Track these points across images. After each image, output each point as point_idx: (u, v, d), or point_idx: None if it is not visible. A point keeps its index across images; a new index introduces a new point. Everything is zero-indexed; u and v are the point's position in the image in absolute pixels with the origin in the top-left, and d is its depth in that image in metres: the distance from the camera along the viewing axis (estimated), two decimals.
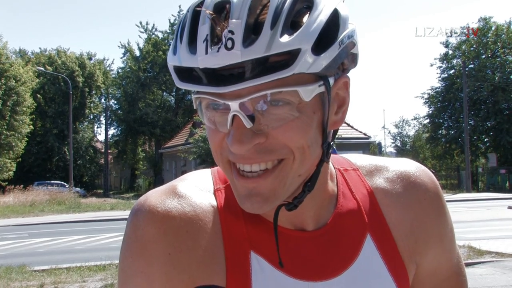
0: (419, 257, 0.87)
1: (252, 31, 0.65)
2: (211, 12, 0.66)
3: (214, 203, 0.81)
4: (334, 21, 0.71)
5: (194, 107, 0.74)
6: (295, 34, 0.65)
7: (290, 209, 0.77)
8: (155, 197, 0.79)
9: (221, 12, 0.66)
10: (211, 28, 0.66)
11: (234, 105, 0.67)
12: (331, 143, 0.78)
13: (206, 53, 0.65)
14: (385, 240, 0.84)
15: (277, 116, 0.69)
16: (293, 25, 0.67)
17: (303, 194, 0.77)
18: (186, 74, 0.69)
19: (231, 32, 0.64)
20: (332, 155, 0.82)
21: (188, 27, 0.69)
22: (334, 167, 0.88)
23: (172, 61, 0.71)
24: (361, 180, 0.88)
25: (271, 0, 0.66)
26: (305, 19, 0.68)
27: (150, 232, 0.76)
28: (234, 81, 0.65)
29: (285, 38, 0.65)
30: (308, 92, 0.69)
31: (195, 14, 0.69)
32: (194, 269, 0.77)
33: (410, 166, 0.91)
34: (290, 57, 0.65)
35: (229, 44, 0.64)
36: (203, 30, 0.66)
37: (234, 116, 0.68)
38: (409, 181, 0.88)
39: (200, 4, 0.69)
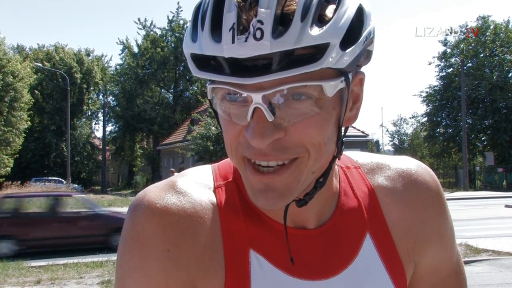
0: (418, 256, 0.87)
1: (281, 22, 0.62)
2: (238, 0, 0.63)
3: (214, 200, 0.80)
4: (359, 17, 0.70)
5: (209, 98, 0.72)
6: (325, 28, 0.63)
7: (301, 206, 0.76)
8: (154, 192, 0.78)
9: (247, 0, 0.64)
10: (238, 16, 0.63)
11: (256, 97, 0.65)
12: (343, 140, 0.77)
13: (233, 42, 0.62)
14: (383, 239, 0.83)
15: (298, 110, 0.67)
16: (320, 18, 0.65)
17: (314, 190, 0.76)
18: (206, 62, 0.67)
19: (260, 22, 0.61)
20: None
21: (210, 14, 0.66)
22: (337, 164, 0.87)
23: (190, 48, 0.68)
24: (363, 178, 0.88)
25: None
26: (330, 13, 0.66)
27: (148, 228, 0.75)
28: (260, 73, 0.63)
29: (315, 31, 0.63)
30: (332, 88, 0.67)
31: (218, 0, 0.66)
32: (193, 266, 0.76)
33: (411, 164, 0.90)
34: (318, 51, 0.63)
35: (258, 34, 0.61)
36: (229, 17, 0.63)
37: (255, 108, 0.66)
38: (410, 179, 0.88)
39: None
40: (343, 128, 0.76)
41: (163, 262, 0.75)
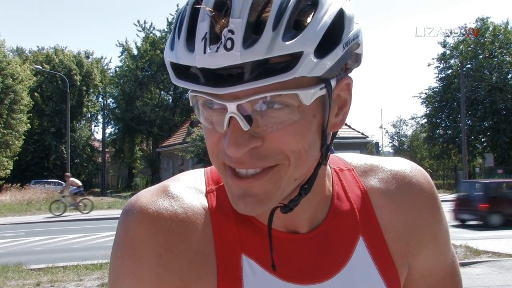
0: (412, 259, 0.86)
1: (253, 31, 0.62)
2: (211, 10, 0.63)
3: (206, 204, 0.80)
4: (340, 22, 0.68)
5: (191, 105, 0.72)
6: (298, 37, 0.63)
7: (286, 212, 0.76)
8: (146, 197, 0.78)
9: (222, 9, 0.63)
10: (211, 25, 0.63)
11: (231, 106, 0.65)
12: (331, 146, 0.76)
13: (205, 52, 0.62)
14: (376, 242, 0.83)
15: (275, 119, 0.66)
16: (296, 24, 0.64)
17: (299, 197, 0.75)
18: (183, 71, 0.67)
19: (231, 31, 0.61)
20: None
21: (186, 23, 0.67)
22: (330, 166, 0.86)
23: (169, 56, 0.69)
24: (356, 181, 0.87)
25: (272, 0, 0.63)
26: (309, 18, 0.65)
27: (140, 233, 0.75)
28: (233, 82, 0.63)
29: (288, 40, 0.62)
30: (309, 96, 0.66)
31: (195, 9, 0.66)
32: (185, 271, 0.76)
33: (405, 166, 0.90)
34: (292, 59, 0.63)
35: (229, 44, 0.61)
36: (202, 27, 0.64)
37: (231, 117, 0.66)
38: (404, 181, 0.87)
39: (200, 0, 0.66)
40: (330, 134, 0.75)
41: (155, 267, 0.75)
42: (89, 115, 51.06)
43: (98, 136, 53.34)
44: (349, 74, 0.76)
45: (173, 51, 0.68)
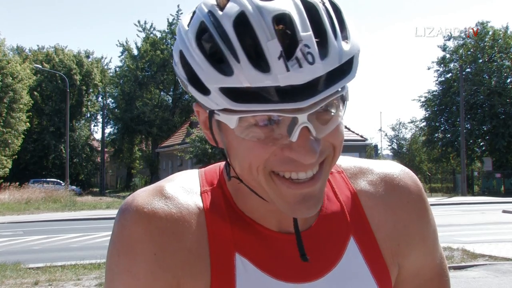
0: (402, 259, 0.88)
1: (321, 43, 0.65)
2: (281, 26, 0.63)
3: (200, 205, 0.82)
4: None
5: (232, 127, 0.69)
6: (351, 42, 0.68)
7: None
8: (142, 197, 0.81)
9: (284, 25, 0.64)
10: (282, 43, 0.63)
11: (302, 117, 0.66)
12: None
13: (288, 70, 0.62)
14: (368, 242, 0.85)
15: (329, 121, 0.70)
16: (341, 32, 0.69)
17: None
18: (243, 94, 0.65)
19: (307, 46, 0.63)
20: None
21: (239, 43, 0.65)
22: None
23: (220, 82, 0.66)
24: (345, 183, 0.89)
25: (319, 10, 0.67)
26: (343, 24, 0.70)
27: (136, 231, 0.78)
28: (310, 95, 0.64)
29: (346, 46, 0.67)
30: (347, 93, 0.72)
31: (239, 27, 0.65)
32: (179, 269, 0.78)
33: (394, 169, 0.92)
34: (348, 63, 0.67)
35: (310, 58, 0.63)
36: (274, 45, 0.63)
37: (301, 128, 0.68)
38: (392, 184, 0.89)
39: (241, 16, 0.65)
40: None
41: (151, 265, 0.77)
42: (88, 115, 51.03)
43: (97, 136, 53.41)
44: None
45: (230, 75, 0.65)
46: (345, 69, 0.67)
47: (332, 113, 0.70)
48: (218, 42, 0.66)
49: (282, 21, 0.64)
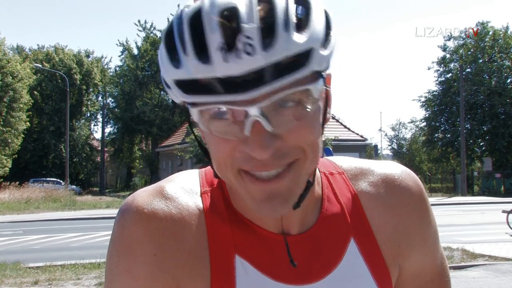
0: (402, 260, 0.88)
1: (267, 34, 0.64)
2: (221, 19, 0.64)
3: (200, 205, 0.82)
4: (327, 17, 0.72)
5: (195, 120, 0.72)
6: (307, 34, 0.66)
7: (295, 208, 0.77)
8: (142, 197, 0.80)
9: (227, 18, 0.64)
10: (223, 34, 0.64)
11: (253, 110, 0.66)
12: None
13: (226, 61, 0.63)
14: (368, 243, 0.85)
15: (291, 116, 0.68)
16: (297, 24, 0.67)
17: (307, 190, 0.77)
18: (192, 86, 0.67)
19: (248, 37, 0.63)
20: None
21: (190, 37, 0.66)
22: (319, 170, 0.88)
23: (173, 75, 0.68)
24: (346, 184, 0.89)
25: (274, 2, 0.66)
26: (303, 17, 0.68)
27: (136, 232, 0.77)
28: (253, 86, 0.64)
29: (299, 38, 0.65)
30: (317, 90, 0.69)
31: (193, 22, 0.66)
32: (179, 270, 0.78)
33: (395, 169, 0.91)
34: (303, 56, 0.66)
35: (249, 49, 0.63)
36: (215, 37, 0.64)
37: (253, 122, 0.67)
38: (393, 185, 0.89)
39: (196, 13, 0.66)
40: (324, 128, 0.78)
41: (150, 266, 0.77)
42: (88, 114, 51.03)
43: (97, 135, 53.40)
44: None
45: (180, 68, 0.67)
46: (300, 61, 0.65)
47: (292, 107, 0.68)
48: (175, 38, 0.68)
49: (227, 14, 0.64)
